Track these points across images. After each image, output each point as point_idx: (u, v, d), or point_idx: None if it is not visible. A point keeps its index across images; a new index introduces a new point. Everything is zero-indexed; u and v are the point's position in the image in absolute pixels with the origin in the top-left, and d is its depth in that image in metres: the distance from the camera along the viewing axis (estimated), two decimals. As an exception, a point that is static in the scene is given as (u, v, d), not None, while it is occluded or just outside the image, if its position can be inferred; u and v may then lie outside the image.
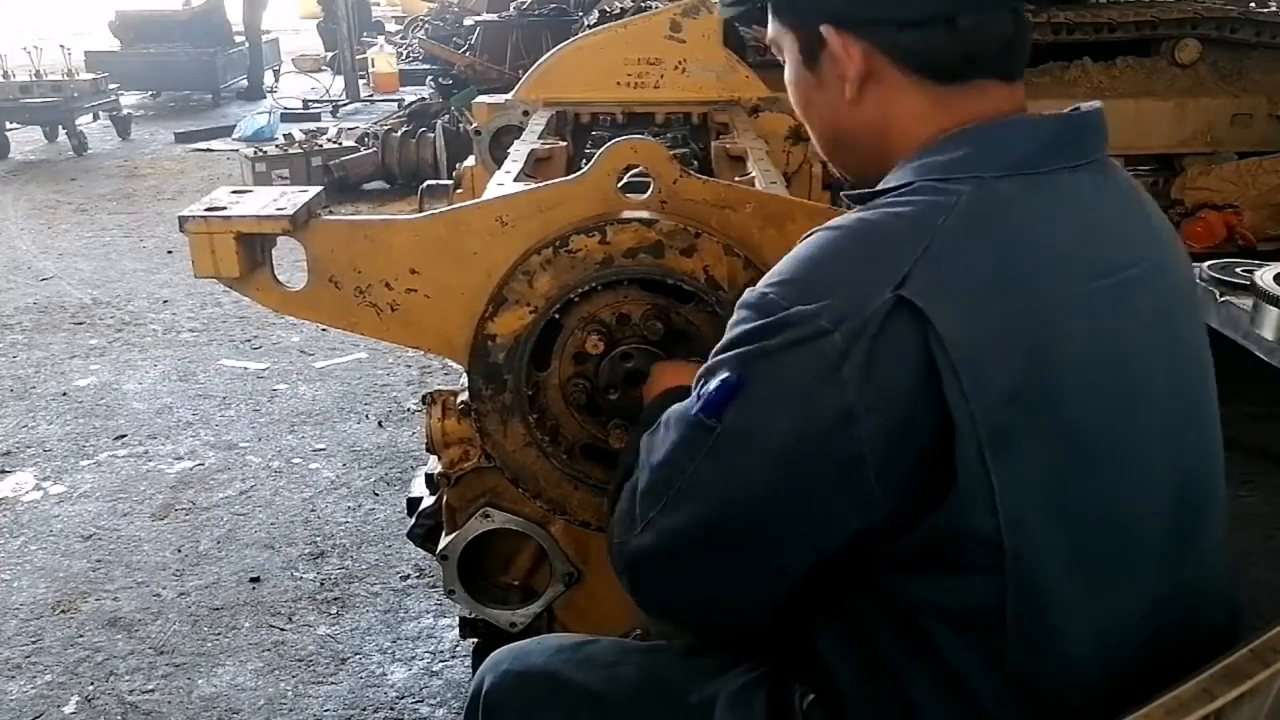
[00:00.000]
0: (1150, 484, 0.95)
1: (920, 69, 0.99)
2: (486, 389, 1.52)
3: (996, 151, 0.95)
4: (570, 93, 2.39)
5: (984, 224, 0.91)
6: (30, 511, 3.04)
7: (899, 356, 0.85)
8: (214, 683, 2.30)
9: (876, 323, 0.85)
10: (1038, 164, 0.95)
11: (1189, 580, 0.99)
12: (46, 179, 7.52)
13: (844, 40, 0.99)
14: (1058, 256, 0.92)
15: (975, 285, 0.88)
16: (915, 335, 0.85)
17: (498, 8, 9.59)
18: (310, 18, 14.62)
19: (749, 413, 0.91)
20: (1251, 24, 3.60)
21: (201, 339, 4.40)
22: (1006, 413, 0.86)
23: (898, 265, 0.87)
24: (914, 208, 0.92)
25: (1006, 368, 0.86)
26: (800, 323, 0.88)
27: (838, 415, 0.86)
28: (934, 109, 1.00)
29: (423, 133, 6.82)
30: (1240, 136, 3.61)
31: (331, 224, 1.54)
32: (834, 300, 0.87)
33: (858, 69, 1.00)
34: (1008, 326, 0.87)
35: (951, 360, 0.84)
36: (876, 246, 0.91)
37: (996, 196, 0.92)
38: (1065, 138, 0.98)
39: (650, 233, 1.45)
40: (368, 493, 3.11)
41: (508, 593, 1.77)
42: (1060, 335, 0.89)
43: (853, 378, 0.85)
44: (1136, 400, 0.94)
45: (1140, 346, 0.95)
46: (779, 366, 0.89)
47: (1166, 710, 0.81)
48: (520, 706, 1.25)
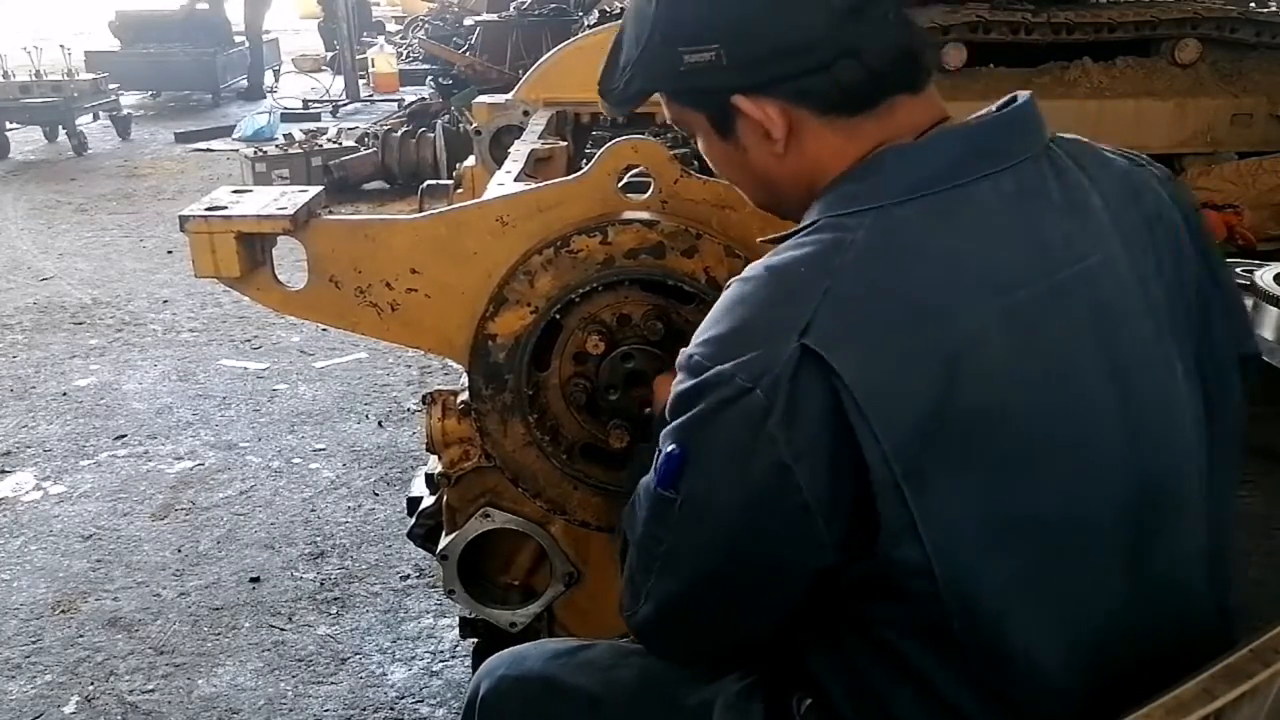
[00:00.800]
0: (1099, 487, 0.93)
1: (834, 109, 0.99)
2: (487, 389, 1.52)
3: (898, 176, 0.95)
4: (570, 93, 2.39)
5: (882, 256, 0.91)
6: (30, 511, 3.04)
7: (813, 408, 0.86)
8: (214, 683, 2.30)
9: (788, 374, 0.86)
10: (943, 181, 0.93)
11: (1164, 578, 0.97)
12: (46, 179, 7.52)
13: (759, 105, 0.99)
14: (964, 276, 0.90)
15: (877, 323, 0.88)
16: (823, 384, 0.86)
17: (498, 8, 9.61)
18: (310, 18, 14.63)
19: (698, 480, 0.94)
20: (1251, 24, 3.60)
21: (201, 339, 4.40)
22: (918, 447, 0.86)
23: (801, 310, 0.87)
24: (814, 248, 0.93)
25: (915, 402, 0.86)
26: (721, 384, 0.89)
27: (773, 469, 0.88)
28: (850, 141, 1.00)
29: (423, 133, 6.82)
30: (1240, 136, 3.61)
31: (332, 224, 1.54)
32: (749, 357, 0.88)
33: (781, 127, 1.00)
34: (913, 356, 0.87)
35: (857, 402, 0.85)
36: (781, 293, 0.92)
37: (896, 224, 0.92)
38: (979, 146, 0.96)
39: (651, 233, 1.45)
40: (368, 493, 3.11)
41: (508, 593, 1.77)
42: (973, 356, 0.88)
43: (779, 431, 0.87)
44: (1073, 406, 0.92)
45: (1076, 349, 0.92)
46: (712, 432, 0.91)
47: (1166, 710, 0.81)
48: (517, 711, 1.25)
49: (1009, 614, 0.91)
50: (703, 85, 1.02)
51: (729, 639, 1.06)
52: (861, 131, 0.99)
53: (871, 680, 0.98)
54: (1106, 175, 1.02)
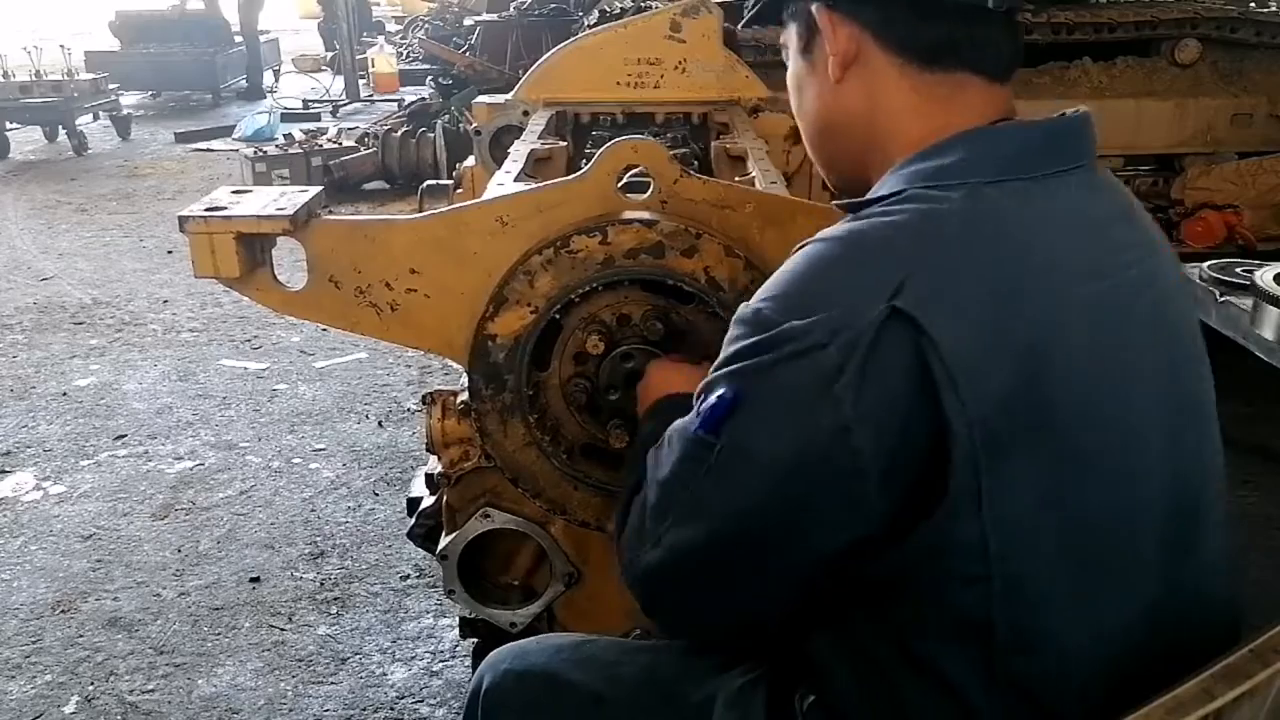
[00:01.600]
0: (1146, 486, 0.94)
1: (904, 50, 1.00)
2: (487, 389, 1.52)
3: (987, 156, 0.95)
4: (570, 93, 2.39)
5: (977, 230, 0.91)
6: (30, 511, 3.04)
7: (894, 367, 0.85)
8: (214, 683, 2.30)
9: (871, 335, 0.85)
10: (1028, 168, 0.95)
11: (1187, 583, 0.98)
12: (46, 179, 7.52)
13: (832, 20, 1.02)
14: (1052, 261, 0.91)
15: (970, 293, 0.88)
16: (910, 345, 0.85)
17: (498, 8, 9.61)
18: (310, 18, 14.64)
19: (747, 429, 0.91)
20: (1251, 24, 3.60)
21: (201, 339, 4.40)
22: (1002, 419, 0.86)
23: (892, 275, 0.86)
24: (906, 216, 0.92)
25: (1002, 374, 0.86)
26: (795, 338, 0.88)
27: (834, 430, 0.86)
28: (919, 100, 1.00)
29: (423, 133, 6.82)
30: (1240, 136, 3.60)
31: (332, 224, 1.54)
32: (828, 314, 0.87)
33: (843, 48, 1.02)
34: (1003, 333, 0.87)
35: (948, 367, 0.84)
36: (869, 257, 0.91)
37: (988, 202, 0.92)
38: (1055, 142, 0.98)
39: (651, 233, 1.45)
40: (368, 493, 3.11)
41: (508, 593, 1.77)
42: (1057, 340, 0.89)
43: (847, 393, 0.85)
44: (1134, 402, 0.93)
45: (1138, 348, 0.94)
46: (775, 382, 0.90)
47: (1166, 710, 0.81)
48: (519, 706, 1.25)
49: (1049, 605, 0.91)
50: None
51: (726, 607, 1.02)
52: (931, 93, 1.00)
53: (884, 669, 0.96)
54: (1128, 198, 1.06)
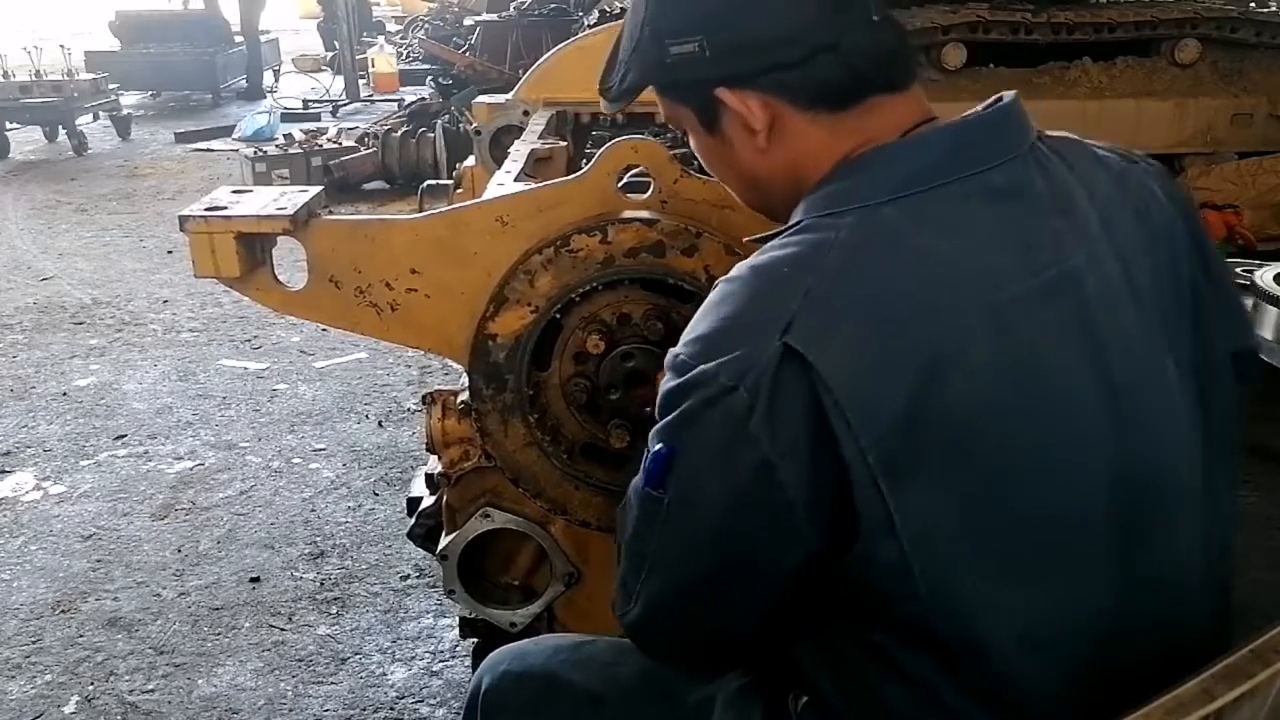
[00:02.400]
0: (1083, 485, 0.93)
1: (815, 103, 1.00)
2: (487, 389, 1.53)
3: (882, 176, 0.95)
4: (570, 93, 2.39)
5: (865, 255, 0.92)
6: (30, 511, 3.04)
7: (794, 403, 0.87)
8: (214, 683, 2.30)
9: (770, 373, 0.87)
10: (927, 180, 0.94)
11: (1151, 576, 0.97)
12: (46, 179, 7.52)
13: (740, 98, 1.01)
14: (948, 276, 0.91)
15: (856, 321, 0.89)
16: (803, 381, 0.86)
17: (498, 8, 9.61)
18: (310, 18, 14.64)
19: (684, 479, 0.94)
20: (1251, 24, 3.59)
21: (201, 339, 4.40)
22: (897, 444, 0.86)
23: (782, 312, 0.88)
24: (798, 248, 0.94)
25: (894, 398, 0.86)
26: (705, 383, 0.90)
27: (757, 468, 0.89)
28: (833, 138, 1.01)
29: (423, 133, 6.82)
30: (1240, 136, 3.60)
31: (332, 224, 1.54)
32: (732, 356, 0.89)
33: (762, 120, 1.01)
34: (891, 357, 0.88)
35: (836, 399, 0.85)
36: (764, 293, 0.93)
37: (880, 223, 0.93)
38: (964, 146, 0.97)
39: (651, 232, 1.45)
40: (368, 493, 3.11)
41: (508, 593, 1.77)
42: (956, 352, 0.88)
43: (762, 430, 0.87)
44: (1056, 404, 0.92)
45: (1059, 349, 0.92)
46: (697, 430, 0.92)
47: (1166, 710, 0.81)
48: (518, 707, 1.25)
49: (989, 613, 0.91)
50: (687, 77, 1.04)
51: (716, 638, 1.06)
52: (844, 128, 1.00)
53: (862, 676, 0.98)
54: (1097, 173, 1.02)
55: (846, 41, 0.97)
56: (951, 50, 3.43)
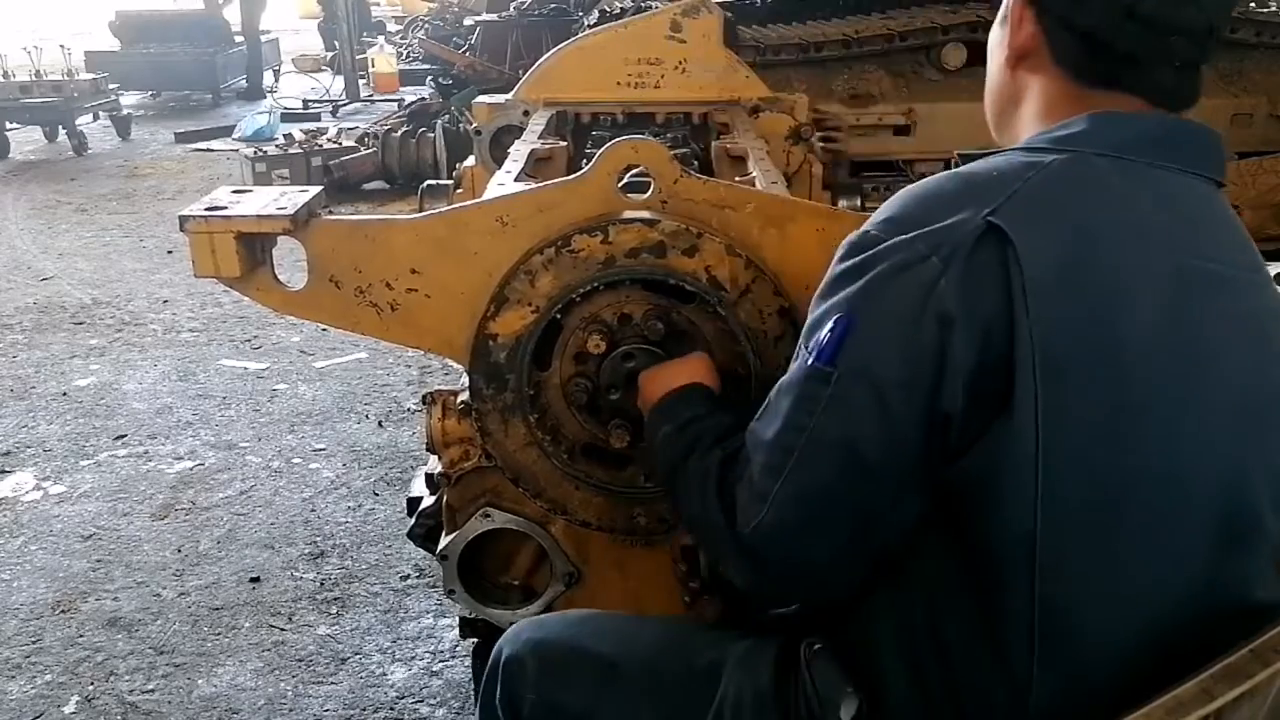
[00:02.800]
0: (1203, 464, 0.95)
1: (1076, 70, 1.04)
2: (488, 388, 1.52)
3: (1103, 133, 1.00)
4: (570, 93, 2.39)
5: (1072, 184, 0.97)
6: (30, 511, 3.04)
7: (987, 273, 0.91)
8: (214, 683, 2.30)
9: (969, 244, 0.92)
10: (1142, 153, 0.99)
11: (1233, 582, 0.98)
12: (46, 179, 7.52)
13: (1023, 15, 1.06)
14: (1140, 229, 0.95)
15: (1059, 225, 0.94)
16: (999, 255, 0.91)
17: (498, 8, 9.61)
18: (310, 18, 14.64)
19: (863, 347, 0.96)
20: (1251, 24, 3.60)
21: (201, 339, 4.40)
22: (1065, 343, 0.90)
23: (989, 199, 0.94)
24: (1014, 160, 1.00)
25: (1073, 304, 0.91)
26: (899, 250, 0.95)
27: (939, 322, 0.92)
28: (1076, 108, 1.04)
29: (423, 133, 6.82)
30: (1240, 136, 3.60)
31: (332, 224, 1.54)
32: (930, 230, 0.94)
33: (1020, 44, 1.07)
34: (1082, 268, 0.92)
35: (1025, 281, 0.90)
36: (974, 184, 0.98)
37: (1089, 167, 0.98)
38: (1172, 137, 1.02)
39: (652, 233, 1.45)
40: (368, 493, 3.11)
41: (508, 593, 1.77)
42: (1128, 296, 0.92)
43: (949, 290, 0.91)
44: (1204, 382, 0.95)
45: (1222, 334, 0.96)
46: (884, 295, 0.95)
47: (1166, 710, 0.81)
48: (538, 672, 1.28)
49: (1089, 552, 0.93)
50: None
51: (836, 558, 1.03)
52: (1086, 103, 1.04)
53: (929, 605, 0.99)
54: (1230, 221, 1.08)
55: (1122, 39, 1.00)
56: (951, 50, 3.44)
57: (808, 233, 1.46)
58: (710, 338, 1.50)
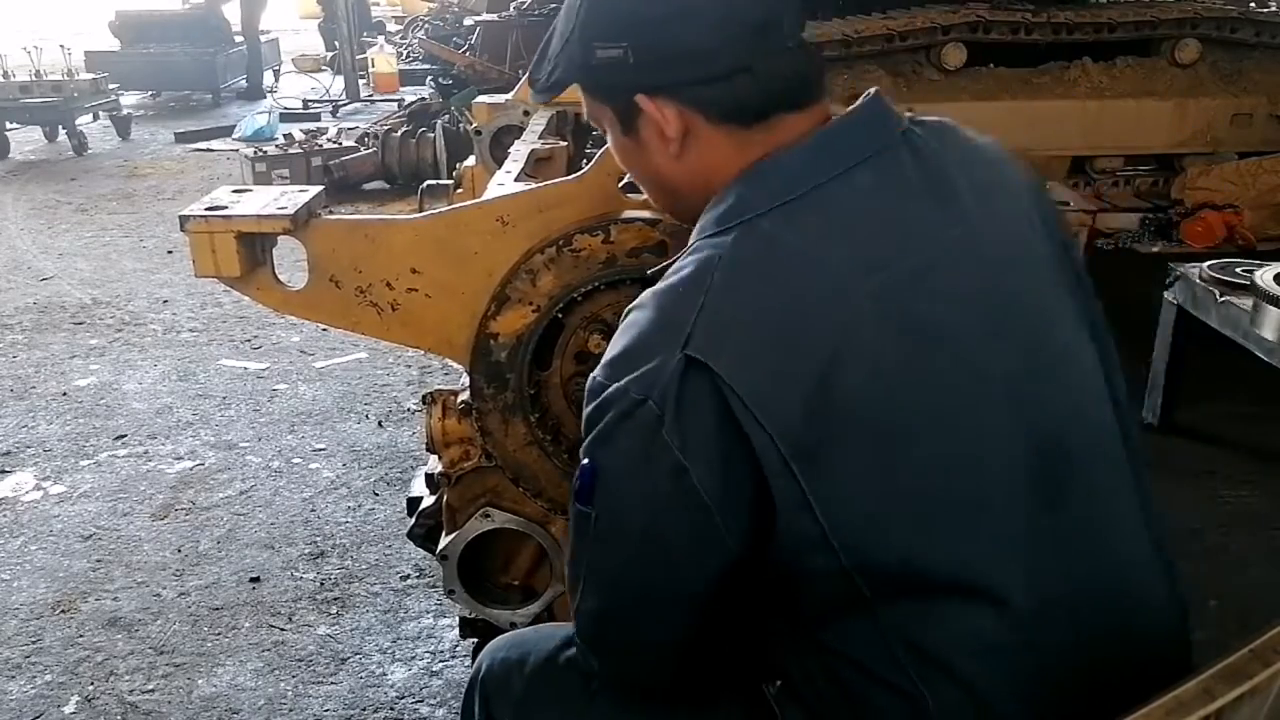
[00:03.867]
0: (991, 446, 0.97)
1: (726, 118, 1.05)
2: (488, 388, 1.53)
3: (757, 191, 1.02)
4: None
5: (746, 269, 0.98)
6: (30, 511, 3.04)
7: (702, 407, 0.93)
8: (214, 683, 2.30)
9: (675, 383, 0.93)
10: (799, 187, 1.00)
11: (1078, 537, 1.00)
12: (46, 179, 7.52)
13: (658, 105, 1.06)
14: (827, 271, 0.97)
15: (748, 327, 0.95)
16: (708, 386, 0.93)
17: (498, 8, 9.60)
18: (310, 18, 14.64)
19: (609, 493, 1.01)
20: (1251, 24, 3.60)
21: (201, 339, 4.40)
22: (803, 428, 0.92)
23: (681, 326, 0.95)
24: (691, 269, 1.00)
25: (796, 391, 0.92)
26: (618, 399, 0.97)
27: (672, 473, 0.94)
28: (739, 150, 1.06)
29: (423, 133, 6.81)
30: (1240, 136, 3.61)
31: (332, 224, 1.54)
32: (640, 372, 0.95)
33: (676, 128, 1.06)
34: (788, 354, 0.94)
35: (741, 398, 0.91)
36: (664, 313, 0.99)
37: (759, 236, 0.99)
38: (830, 149, 1.03)
39: (654, 232, 1.45)
40: (368, 493, 3.11)
41: (508, 593, 1.77)
42: (847, 341, 0.94)
43: (672, 437, 0.94)
44: (952, 373, 0.97)
45: (947, 319, 0.98)
46: (616, 444, 0.99)
47: (1166, 710, 0.81)
48: (518, 689, 1.27)
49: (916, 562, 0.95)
50: (610, 81, 1.09)
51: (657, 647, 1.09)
52: (751, 141, 1.05)
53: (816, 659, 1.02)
54: (971, 154, 1.10)
55: (762, 65, 1.03)
56: (951, 50, 3.44)
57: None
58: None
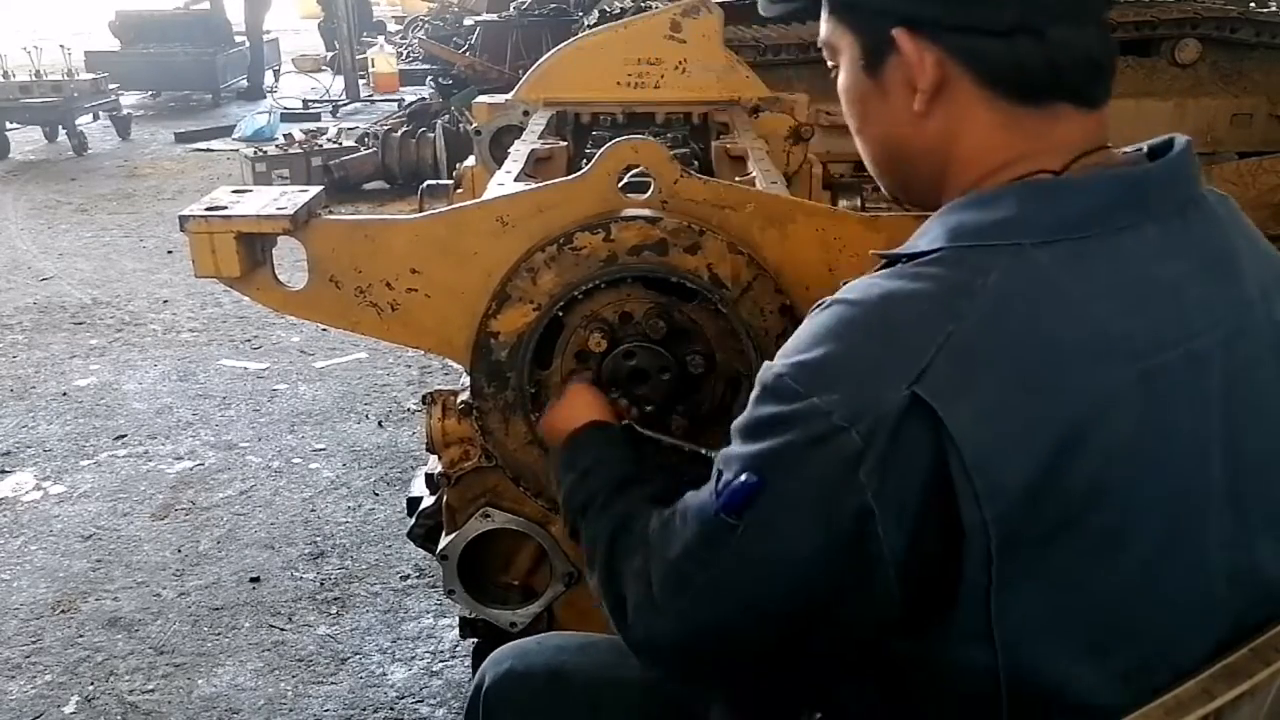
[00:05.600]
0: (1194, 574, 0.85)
1: (1000, 83, 0.89)
2: (489, 387, 1.52)
3: (1040, 214, 0.85)
4: (570, 93, 2.39)
5: (1015, 308, 0.81)
6: (30, 511, 3.04)
7: (914, 458, 0.79)
8: (214, 683, 2.30)
9: (891, 421, 0.79)
10: (1088, 227, 0.84)
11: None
12: (46, 179, 7.52)
13: (918, 46, 0.89)
14: (1099, 337, 0.81)
15: (997, 380, 0.79)
16: (929, 438, 0.78)
17: (498, 8, 9.62)
18: (310, 18, 14.63)
19: (772, 514, 0.86)
20: (1251, 24, 3.61)
21: (201, 339, 4.40)
22: (1022, 513, 0.79)
23: (916, 355, 0.79)
24: (938, 285, 0.83)
25: (1027, 468, 0.78)
26: (814, 417, 0.82)
27: (858, 516, 0.81)
28: (1006, 131, 0.90)
29: (423, 133, 6.82)
30: (1240, 136, 3.61)
31: (332, 224, 1.54)
32: (849, 394, 0.81)
33: (931, 79, 0.89)
34: (1032, 423, 0.79)
35: (965, 462, 0.77)
36: (895, 330, 0.83)
37: (1034, 270, 0.83)
38: (1130, 195, 0.87)
39: (655, 230, 1.45)
40: (368, 493, 3.11)
41: (508, 593, 1.77)
42: (1096, 423, 0.79)
43: (870, 479, 0.80)
44: (1189, 490, 0.84)
45: (1201, 424, 0.84)
46: (798, 468, 0.84)
47: (1166, 710, 0.81)
48: (520, 703, 1.25)
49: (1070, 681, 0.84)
50: (869, 4, 0.92)
51: (753, 665, 0.97)
52: (1020, 123, 0.90)
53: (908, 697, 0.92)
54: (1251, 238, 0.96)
55: (1057, 32, 0.87)
56: (952, 50, 3.43)
57: (808, 233, 1.46)
58: (711, 336, 1.50)
